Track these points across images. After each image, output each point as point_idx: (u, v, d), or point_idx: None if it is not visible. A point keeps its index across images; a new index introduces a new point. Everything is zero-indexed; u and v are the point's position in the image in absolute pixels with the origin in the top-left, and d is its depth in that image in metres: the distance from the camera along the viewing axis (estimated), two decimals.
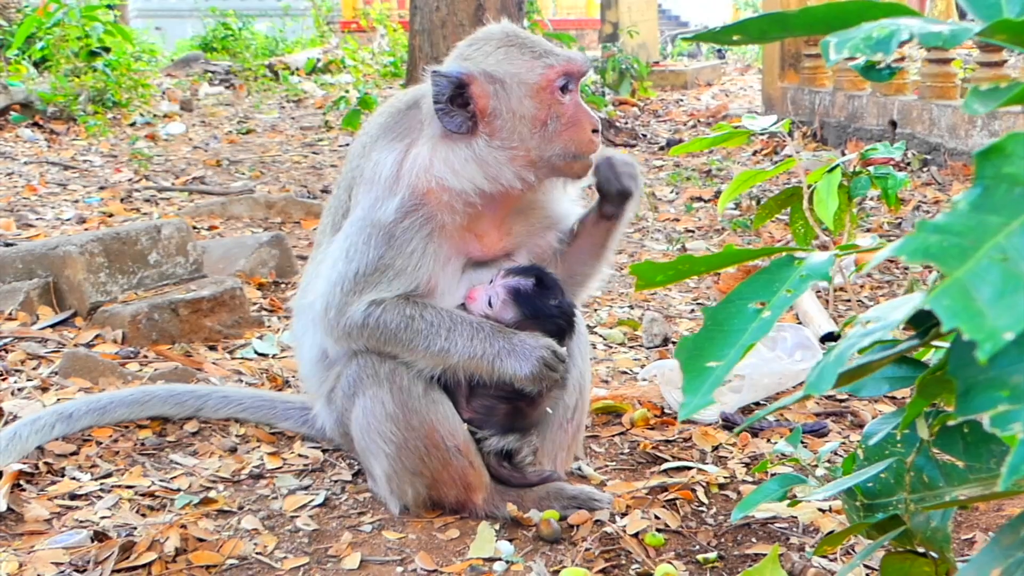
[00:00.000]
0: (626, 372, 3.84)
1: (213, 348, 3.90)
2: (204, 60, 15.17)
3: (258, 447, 3.06)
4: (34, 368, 3.52)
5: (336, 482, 2.87)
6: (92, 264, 3.99)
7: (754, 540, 2.56)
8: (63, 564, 2.36)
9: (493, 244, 2.62)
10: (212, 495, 2.75)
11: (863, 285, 4.94)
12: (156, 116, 10.47)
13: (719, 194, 6.92)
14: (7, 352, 3.60)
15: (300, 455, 3.02)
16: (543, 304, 2.57)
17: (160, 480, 2.82)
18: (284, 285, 4.71)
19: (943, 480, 1.35)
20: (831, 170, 4.07)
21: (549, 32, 11.30)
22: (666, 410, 3.38)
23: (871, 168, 4.29)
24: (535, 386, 2.48)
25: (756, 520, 2.65)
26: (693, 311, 4.59)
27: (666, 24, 24.66)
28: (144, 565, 2.36)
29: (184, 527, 2.50)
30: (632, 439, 3.19)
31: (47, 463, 2.85)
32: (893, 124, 8.07)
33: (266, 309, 4.37)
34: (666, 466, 2.99)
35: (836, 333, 3.93)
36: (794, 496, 2.19)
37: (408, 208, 2.50)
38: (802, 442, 2.93)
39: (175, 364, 3.59)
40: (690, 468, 2.95)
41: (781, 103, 10.02)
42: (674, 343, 4.10)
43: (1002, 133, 4.01)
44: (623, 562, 2.44)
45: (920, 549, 1.43)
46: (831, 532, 2.51)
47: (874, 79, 1.12)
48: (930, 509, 1.36)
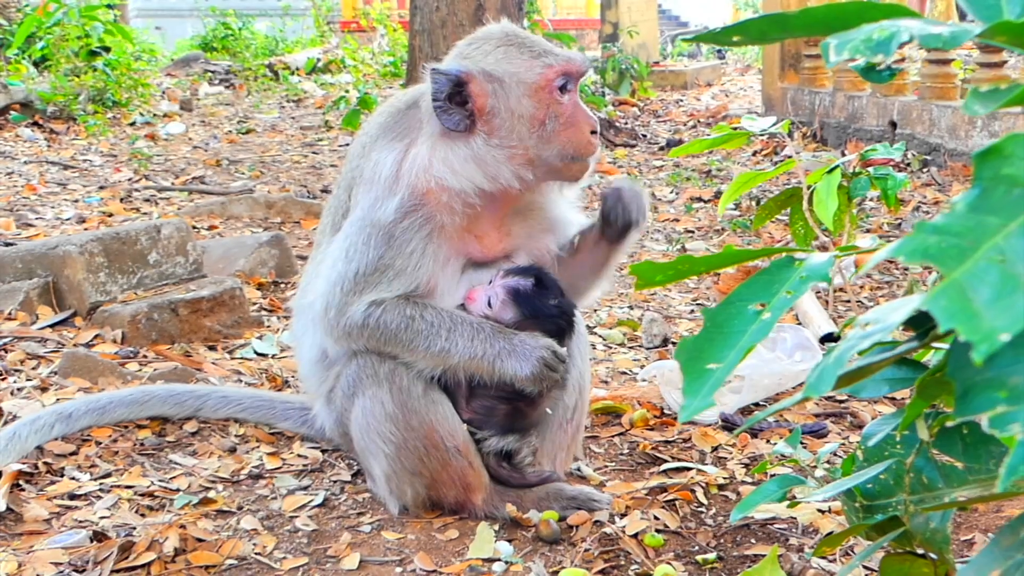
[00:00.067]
0: (626, 373, 3.84)
1: (213, 348, 3.90)
2: (204, 60, 15.18)
3: (257, 447, 3.06)
4: (33, 368, 3.52)
5: (335, 482, 2.87)
6: (92, 264, 3.99)
7: (753, 541, 2.56)
8: (62, 564, 2.36)
9: (492, 245, 2.62)
10: (211, 495, 2.75)
11: (863, 286, 4.94)
12: (156, 116, 10.47)
13: (719, 194, 6.92)
14: (7, 352, 3.60)
15: (299, 455, 3.02)
16: (542, 304, 2.57)
17: (159, 480, 2.82)
18: (284, 285, 4.71)
19: (942, 481, 1.35)
20: (831, 171, 4.07)
21: (549, 32, 11.31)
22: (666, 411, 3.38)
23: (871, 169, 4.29)
24: (536, 386, 2.48)
25: (755, 521, 2.65)
26: (693, 312, 4.59)
27: (666, 24, 24.67)
28: (143, 565, 2.36)
29: (183, 527, 2.50)
30: (631, 440, 3.19)
31: (46, 463, 2.85)
32: (893, 125, 8.08)
33: (266, 309, 4.37)
34: (665, 467, 2.99)
35: (836, 334, 3.93)
36: (793, 497, 2.18)
37: (408, 208, 2.50)
38: (802, 443, 2.93)
39: (174, 364, 3.59)
40: (689, 469, 2.95)
41: (781, 103, 10.02)
42: (674, 343, 4.10)
43: (1002, 134, 4.01)
44: (622, 563, 2.44)
45: (919, 550, 1.43)
46: (830, 533, 2.51)
47: (874, 80, 1.12)
48: (929, 510, 1.36)
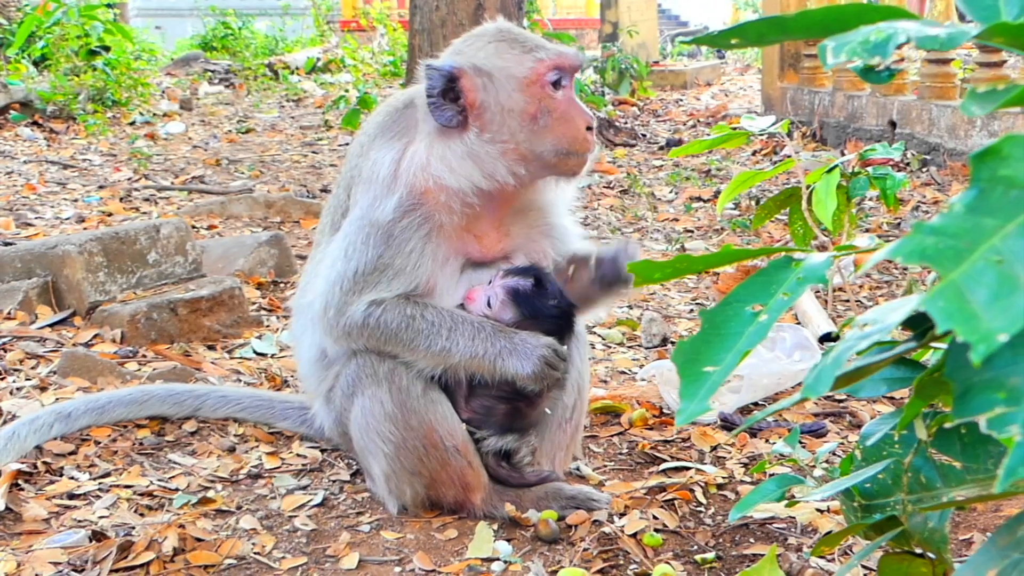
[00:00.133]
0: (625, 372, 3.84)
1: (212, 348, 3.90)
2: (204, 59, 15.17)
3: (256, 447, 3.06)
4: (33, 367, 3.52)
5: (334, 482, 2.87)
6: (91, 263, 3.99)
7: (752, 540, 2.57)
8: (61, 564, 2.36)
9: (492, 245, 2.62)
10: (210, 495, 2.75)
11: (862, 285, 4.94)
12: (156, 115, 10.47)
13: (718, 194, 6.92)
14: (6, 351, 3.60)
15: (298, 455, 3.02)
16: (542, 304, 2.57)
17: (158, 480, 2.82)
18: (283, 285, 4.71)
19: (941, 481, 1.35)
20: (830, 170, 4.07)
21: (549, 32, 11.31)
22: (665, 410, 3.39)
23: (870, 168, 4.29)
24: (537, 385, 2.49)
25: (754, 520, 2.65)
26: (692, 311, 4.59)
27: (666, 24, 24.67)
28: (142, 565, 2.36)
29: (182, 527, 2.50)
30: (630, 439, 3.19)
31: (45, 462, 2.85)
32: (892, 124, 8.08)
33: (265, 309, 4.37)
34: (664, 466, 2.99)
35: (834, 333, 3.93)
36: (792, 496, 2.18)
37: (406, 207, 2.50)
38: (800, 442, 2.93)
39: (174, 364, 3.59)
40: (688, 468, 2.95)
41: (780, 103, 10.02)
42: (673, 343, 4.10)
43: (1002, 133, 4.02)
44: (621, 562, 2.44)
45: (918, 550, 1.43)
46: (829, 532, 2.51)
47: (873, 81, 1.12)
48: (928, 510, 1.36)
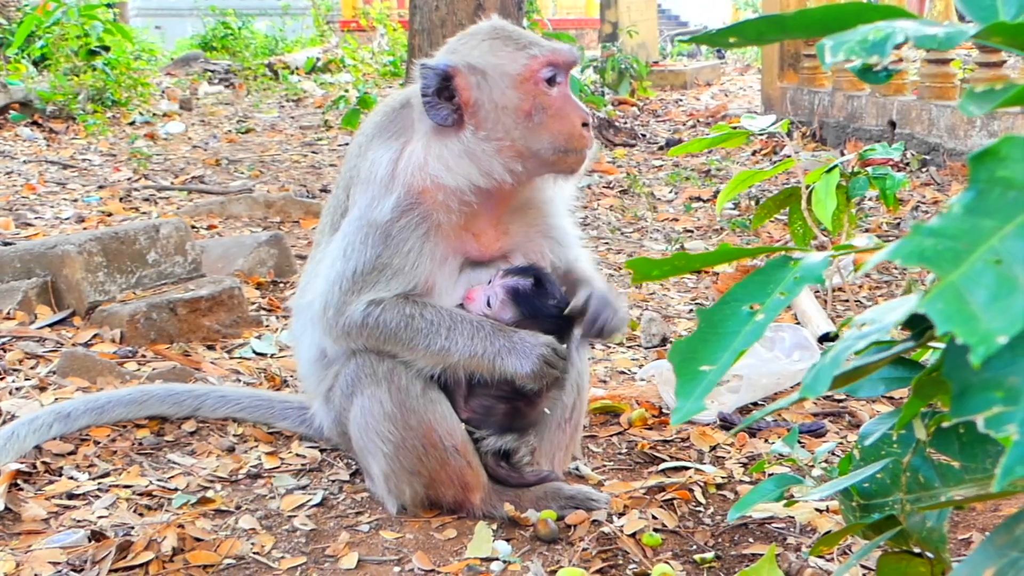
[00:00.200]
0: (624, 372, 3.84)
1: (211, 348, 3.90)
2: (204, 59, 15.17)
3: (256, 447, 3.06)
4: (32, 367, 3.52)
5: (334, 482, 2.87)
6: (90, 263, 3.99)
7: (751, 540, 2.56)
8: (60, 564, 2.36)
9: (490, 244, 2.62)
10: (210, 495, 2.75)
11: (861, 285, 4.94)
12: (155, 115, 10.47)
13: (718, 194, 6.92)
14: (5, 351, 3.60)
15: (298, 455, 3.02)
16: (542, 304, 2.57)
17: (158, 480, 2.82)
18: (283, 285, 4.71)
19: (939, 480, 1.35)
20: (829, 170, 4.08)
21: (549, 32, 11.30)
22: (664, 410, 3.39)
23: (870, 168, 4.29)
24: (536, 383, 2.48)
25: (753, 520, 2.65)
26: (691, 311, 4.59)
27: (666, 24, 24.67)
28: (141, 565, 2.36)
29: (181, 527, 2.50)
30: (630, 439, 3.19)
31: (45, 462, 2.85)
32: (892, 124, 8.08)
33: (264, 309, 4.37)
34: (664, 466, 2.99)
35: (833, 333, 3.94)
36: (791, 496, 2.18)
37: (404, 207, 2.50)
38: (799, 442, 2.93)
39: (173, 363, 3.59)
40: (688, 468, 2.95)
41: (780, 103, 10.02)
42: (672, 343, 4.09)
43: (1001, 134, 4.02)
44: (620, 562, 2.44)
45: (916, 549, 1.43)
46: (828, 532, 2.51)
47: (871, 81, 1.12)
48: (926, 509, 1.36)
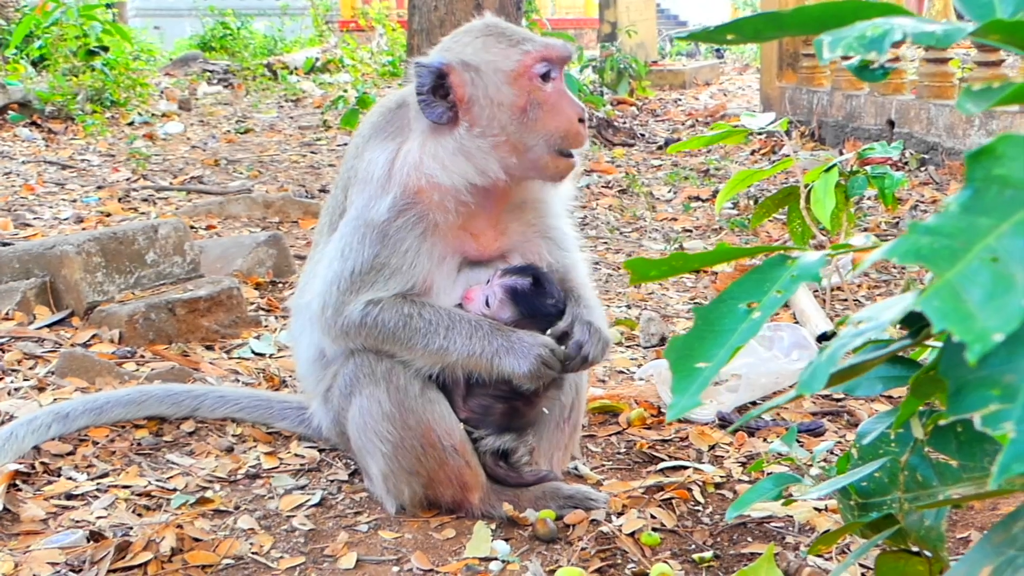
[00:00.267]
0: (623, 372, 3.84)
1: (210, 348, 3.89)
2: (202, 59, 15.18)
3: (254, 447, 3.06)
4: (31, 368, 3.52)
5: (332, 482, 2.87)
6: (89, 264, 3.98)
7: (750, 539, 2.56)
8: (59, 564, 2.35)
9: (488, 243, 2.62)
10: (208, 495, 2.75)
11: (860, 284, 4.94)
12: (154, 115, 10.47)
13: (717, 193, 6.92)
14: (4, 352, 3.60)
15: (296, 455, 3.02)
16: (540, 304, 2.57)
17: (156, 480, 2.82)
18: (281, 285, 4.71)
19: (937, 479, 1.35)
20: (828, 169, 4.07)
21: (548, 31, 11.30)
22: (663, 410, 3.38)
23: (868, 167, 4.29)
24: (534, 383, 2.48)
25: (752, 519, 2.65)
26: (690, 311, 4.59)
27: (665, 23, 24.69)
28: (140, 565, 2.36)
29: (180, 527, 2.50)
30: (628, 438, 3.19)
31: (43, 463, 2.85)
32: (891, 123, 8.08)
33: (263, 309, 4.37)
34: (662, 465, 2.99)
35: (832, 332, 3.94)
36: (789, 495, 2.18)
37: (400, 207, 2.50)
38: (798, 441, 2.93)
39: (172, 364, 3.59)
40: (686, 467, 2.95)
41: (779, 102, 10.02)
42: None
43: (999, 132, 4.02)
44: (619, 561, 2.44)
45: (914, 548, 1.43)
46: (826, 531, 2.51)
47: (868, 79, 1.12)
48: (924, 508, 1.36)
